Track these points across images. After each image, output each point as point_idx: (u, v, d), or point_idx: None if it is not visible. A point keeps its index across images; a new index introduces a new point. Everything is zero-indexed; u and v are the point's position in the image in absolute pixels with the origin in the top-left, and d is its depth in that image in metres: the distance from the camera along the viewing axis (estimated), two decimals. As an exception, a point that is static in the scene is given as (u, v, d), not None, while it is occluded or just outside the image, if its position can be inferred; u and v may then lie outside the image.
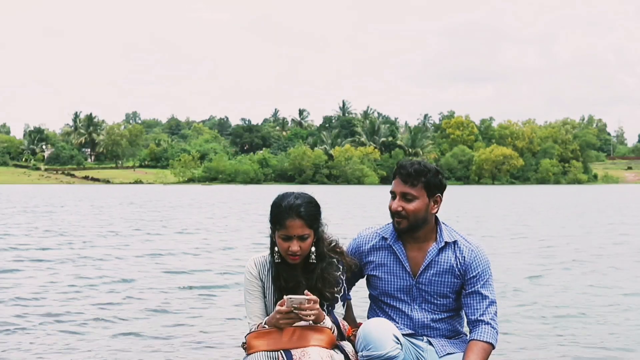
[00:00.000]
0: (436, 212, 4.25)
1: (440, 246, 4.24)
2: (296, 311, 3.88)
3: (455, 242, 4.26)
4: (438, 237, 4.27)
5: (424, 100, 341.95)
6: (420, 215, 4.17)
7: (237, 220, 28.54)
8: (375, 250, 4.34)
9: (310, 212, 4.08)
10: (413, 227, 4.20)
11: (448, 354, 4.20)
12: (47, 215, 31.95)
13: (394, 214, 4.21)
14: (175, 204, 45.82)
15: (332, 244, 4.25)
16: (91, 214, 32.85)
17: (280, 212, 4.06)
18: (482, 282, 4.22)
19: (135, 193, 75.91)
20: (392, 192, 4.25)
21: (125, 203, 46.93)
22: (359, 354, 3.93)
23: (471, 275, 4.23)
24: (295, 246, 4.04)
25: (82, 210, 37.03)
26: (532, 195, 70.27)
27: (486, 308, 4.19)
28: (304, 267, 4.15)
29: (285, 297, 3.90)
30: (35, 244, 17.72)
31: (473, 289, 4.22)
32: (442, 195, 4.26)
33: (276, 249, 4.13)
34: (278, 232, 4.08)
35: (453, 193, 71.59)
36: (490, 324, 4.16)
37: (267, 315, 4.10)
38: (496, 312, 4.22)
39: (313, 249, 4.12)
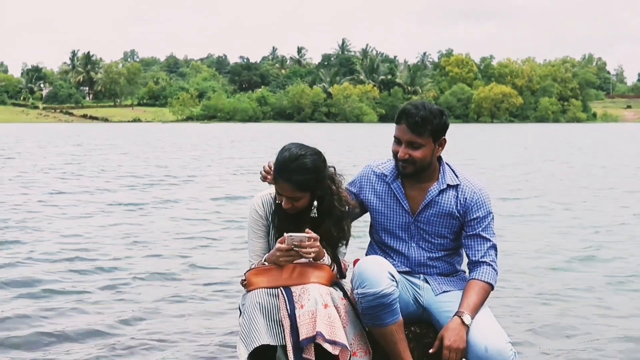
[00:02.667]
0: (440, 153, 4.24)
1: (441, 188, 4.23)
2: (296, 249, 3.90)
3: (457, 185, 4.24)
4: (440, 177, 4.25)
5: (423, 39, 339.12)
6: (426, 161, 4.16)
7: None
8: (376, 186, 4.34)
9: (301, 180, 3.97)
10: (419, 172, 4.19)
11: (444, 291, 4.22)
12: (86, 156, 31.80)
13: (400, 160, 4.17)
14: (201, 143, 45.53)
15: (342, 202, 4.16)
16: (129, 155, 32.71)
17: (275, 168, 4.04)
18: (483, 226, 4.22)
19: (150, 132, 75.20)
20: (396, 138, 4.19)
21: (150, 143, 46.45)
22: (355, 291, 3.93)
23: (472, 218, 4.22)
24: (287, 204, 4.03)
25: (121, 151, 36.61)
26: (543, 135, 69.43)
27: (487, 250, 4.19)
28: (304, 217, 4.11)
29: (285, 234, 3.90)
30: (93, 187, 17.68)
31: (474, 232, 4.22)
32: (445, 136, 4.23)
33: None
34: (274, 185, 4.08)
35: (469, 132, 71.33)
36: (492, 265, 4.17)
37: (269, 253, 4.12)
38: (497, 254, 4.23)
39: (315, 203, 4.09)
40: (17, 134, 66.11)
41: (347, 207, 4.19)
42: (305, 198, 4.03)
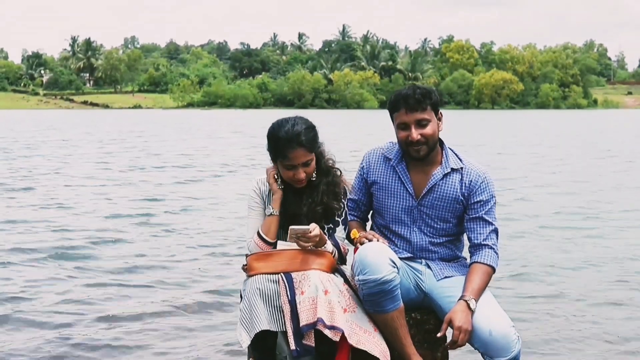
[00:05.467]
0: (442, 130, 4.25)
1: (445, 171, 4.23)
2: (299, 240, 3.96)
3: (461, 169, 4.25)
4: (444, 161, 4.26)
5: (424, 25, 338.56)
6: (436, 138, 4.18)
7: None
8: (379, 170, 4.34)
9: (310, 137, 4.07)
10: (431, 152, 4.19)
11: (446, 277, 4.21)
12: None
13: (414, 143, 4.15)
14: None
15: (330, 163, 4.27)
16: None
17: (281, 144, 4.05)
18: (486, 209, 4.22)
19: (165, 119, 75.19)
20: (402, 124, 4.17)
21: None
22: (356, 278, 3.94)
23: (475, 201, 4.22)
24: (301, 174, 4.06)
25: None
26: (553, 122, 69.26)
27: (489, 233, 4.20)
28: (307, 185, 4.18)
29: (289, 227, 3.96)
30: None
31: (477, 215, 4.22)
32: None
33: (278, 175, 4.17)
34: (281, 163, 4.09)
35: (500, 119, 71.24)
36: (493, 248, 4.18)
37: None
38: (498, 239, 4.24)
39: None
40: (34, 122, 65.44)
41: (339, 170, 4.29)
42: (313, 160, 4.10)
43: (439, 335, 3.96)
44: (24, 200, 13.59)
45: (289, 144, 4.02)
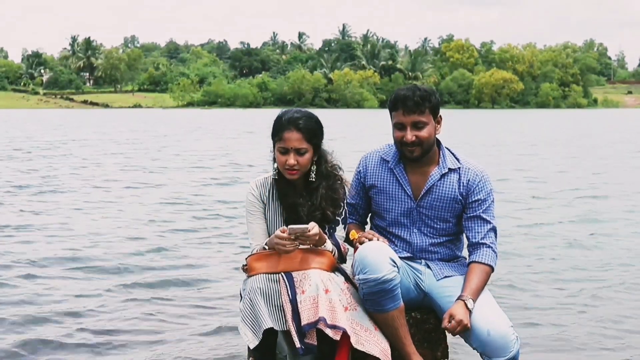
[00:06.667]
0: (439, 132, 4.25)
1: (442, 172, 4.24)
2: (299, 239, 3.94)
3: (458, 169, 4.26)
4: (441, 162, 4.27)
5: (424, 24, 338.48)
6: (431, 140, 4.18)
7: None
8: (377, 173, 4.35)
9: (309, 126, 4.09)
10: (425, 153, 4.20)
11: (446, 276, 4.22)
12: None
13: (408, 144, 4.16)
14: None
15: (334, 169, 4.26)
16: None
17: (280, 125, 4.10)
18: (484, 208, 4.23)
19: (175, 119, 74.55)
20: (398, 124, 4.18)
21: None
22: (356, 277, 3.95)
23: (473, 199, 4.24)
24: (291, 159, 4.05)
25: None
26: (561, 121, 68.84)
27: (487, 232, 4.21)
28: (305, 186, 4.19)
29: (288, 226, 3.95)
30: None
31: (475, 214, 4.23)
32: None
33: (275, 165, 4.17)
34: (277, 145, 4.11)
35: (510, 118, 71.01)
36: (491, 247, 4.19)
37: (269, 236, 4.14)
38: (496, 237, 4.25)
39: (314, 167, 4.16)
40: (39, 121, 64.33)
41: (341, 178, 4.27)
42: (309, 153, 4.10)
43: (442, 325, 3.95)
44: (53, 205, 13.02)
45: (286, 125, 4.08)
